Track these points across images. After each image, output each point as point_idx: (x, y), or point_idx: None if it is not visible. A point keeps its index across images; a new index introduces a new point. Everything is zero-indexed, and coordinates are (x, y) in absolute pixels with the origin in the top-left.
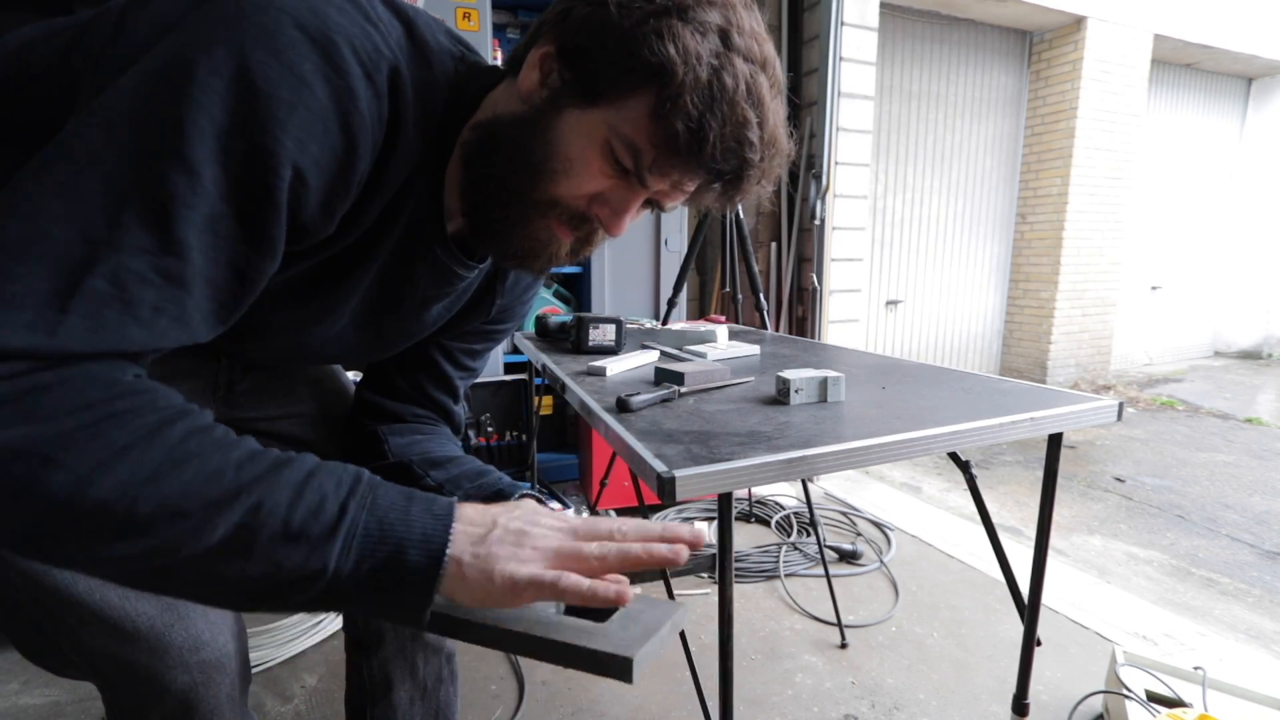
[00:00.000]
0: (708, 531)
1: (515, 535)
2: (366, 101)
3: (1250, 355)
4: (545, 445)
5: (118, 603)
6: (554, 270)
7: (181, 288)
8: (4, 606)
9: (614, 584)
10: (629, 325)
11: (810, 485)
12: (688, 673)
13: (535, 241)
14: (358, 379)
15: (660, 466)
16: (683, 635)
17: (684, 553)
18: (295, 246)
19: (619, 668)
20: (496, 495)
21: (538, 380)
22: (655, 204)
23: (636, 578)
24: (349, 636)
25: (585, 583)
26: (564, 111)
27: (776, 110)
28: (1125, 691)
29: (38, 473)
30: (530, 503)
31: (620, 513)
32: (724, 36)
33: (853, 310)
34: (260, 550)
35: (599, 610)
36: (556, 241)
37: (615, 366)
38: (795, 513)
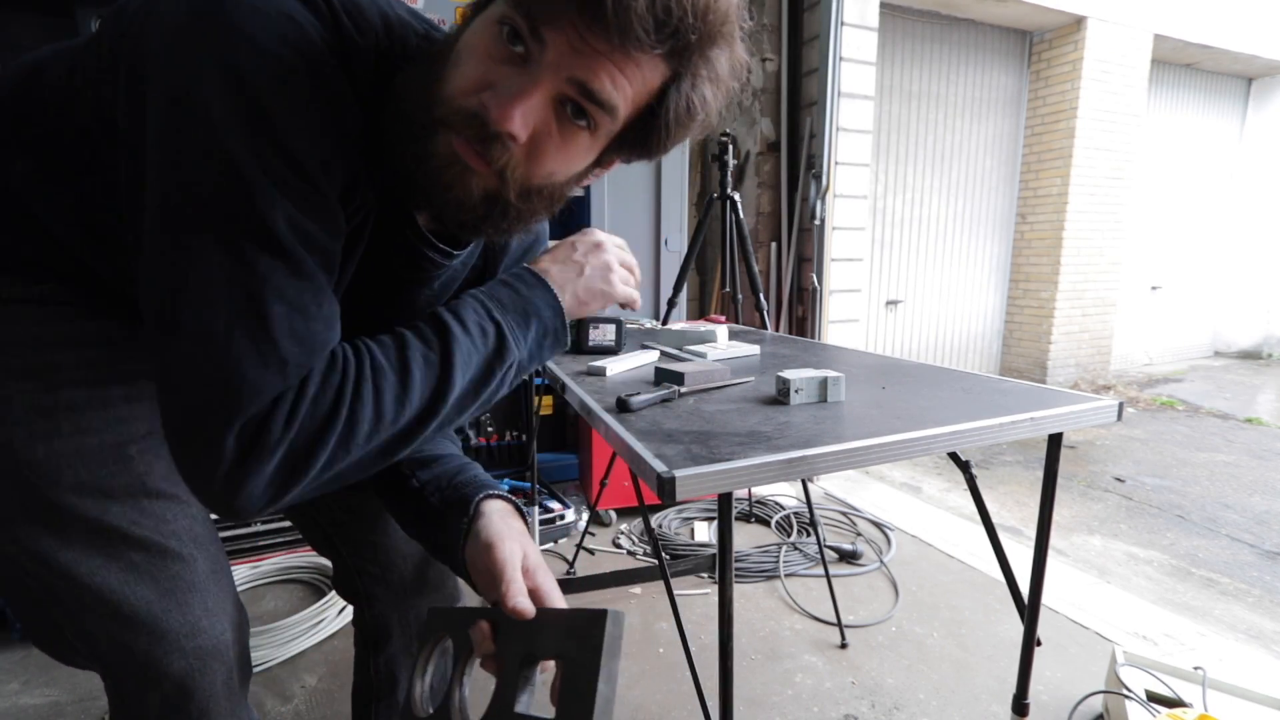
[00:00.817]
0: (709, 531)
1: (596, 271)
2: (330, 68)
3: (1250, 355)
4: (545, 445)
5: (118, 587)
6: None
7: (314, 277)
8: (13, 589)
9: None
10: (629, 325)
11: (810, 485)
12: (688, 672)
13: (437, 160)
14: None
15: (660, 466)
16: (683, 635)
17: None
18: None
19: None
20: (461, 500)
21: (538, 380)
22: (576, 99)
23: (637, 577)
24: (358, 633)
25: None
26: (470, 24)
27: None
28: (1125, 691)
29: (368, 438)
30: (585, 239)
31: (620, 514)
32: None
33: (853, 310)
34: (480, 377)
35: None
36: (459, 163)
37: (615, 366)
38: (795, 513)
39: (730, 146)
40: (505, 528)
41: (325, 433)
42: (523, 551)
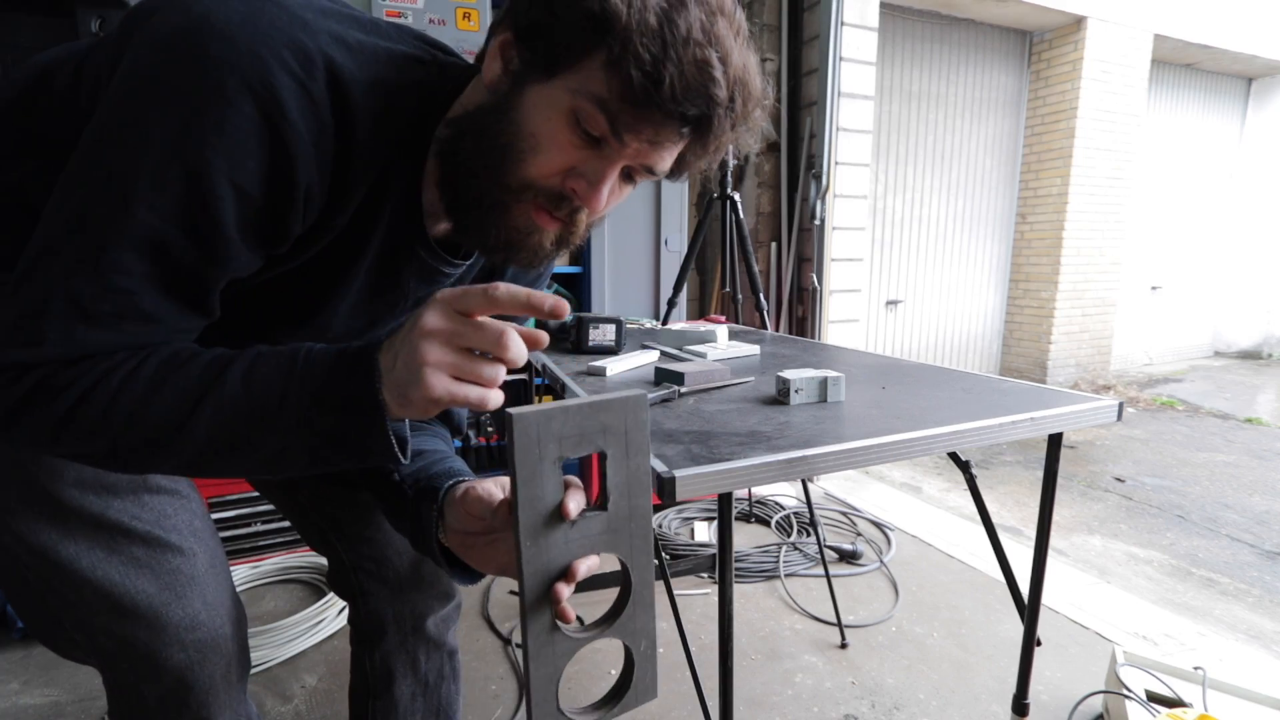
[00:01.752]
0: (709, 531)
1: (411, 364)
2: (299, 110)
3: (1250, 355)
4: None
5: (119, 580)
6: (555, 270)
7: (131, 295)
8: (13, 583)
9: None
10: (629, 325)
11: (810, 485)
12: (688, 672)
13: (515, 230)
14: None
15: (660, 466)
16: (683, 635)
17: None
18: (271, 250)
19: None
20: (432, 490)
21: (538, 380)
22: (636, 172)
23: None
24: (353, 630)
25: (474, 395)
26: (526, 90)
27: (741, 51)
28: (1125, 691)
29: (69, 436)
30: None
31: None
32: None
33: (853, 310)
34: (239, 440)
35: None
36: (538, 230)
37: (615, 366)
38: (795, 513)
39: (730, 147)
40: (481, 481)
41: (45, 405)
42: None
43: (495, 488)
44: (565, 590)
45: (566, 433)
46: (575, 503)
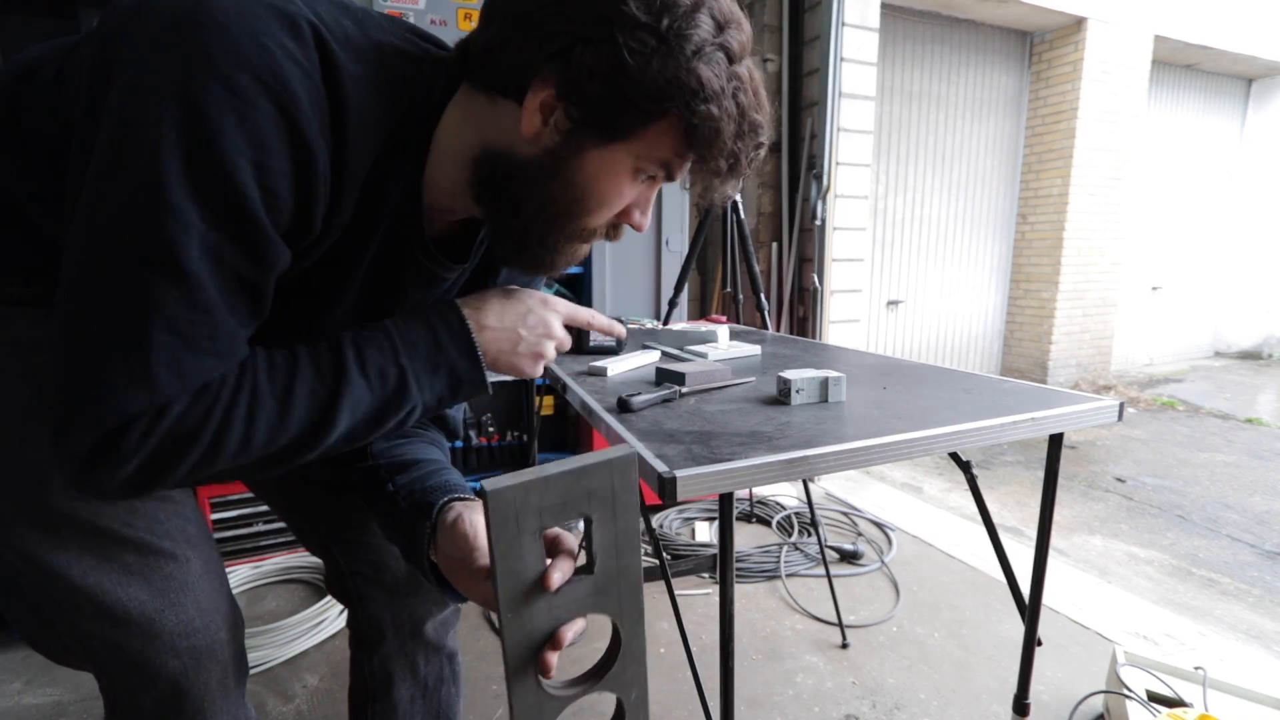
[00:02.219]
0: (709, 531)
1: (526, 353)
2: (309, 101)
3: (1251, 355)
4: (546, 445)
5: (111, 588)
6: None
7: (213, 311)
8: (6, 590)
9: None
10: (630, 325)
11: (811, 485)
12: (688, 672)
13: (570, 259)
14: None
15: (661, 466)
16: (684, 635)
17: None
18: (299, 243)
19: None
20: (426, 505)
21: (538, 380)
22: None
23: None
24: (352, 634)
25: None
26: (584, 153)
27: (763, 84)
28: (1126, 691)
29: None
30: (520, 294)
31: None
32: (725, 49)
33: (854, 310)
34: (373, 417)
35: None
36: (585, 251)
37: (616, 367)
38: (796, 513)
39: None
40: (472, 510)
41: (185, 450)
42: None
43: (482, 523)
44: (552, 658)
45: (547, 503)
46: (561, 573)
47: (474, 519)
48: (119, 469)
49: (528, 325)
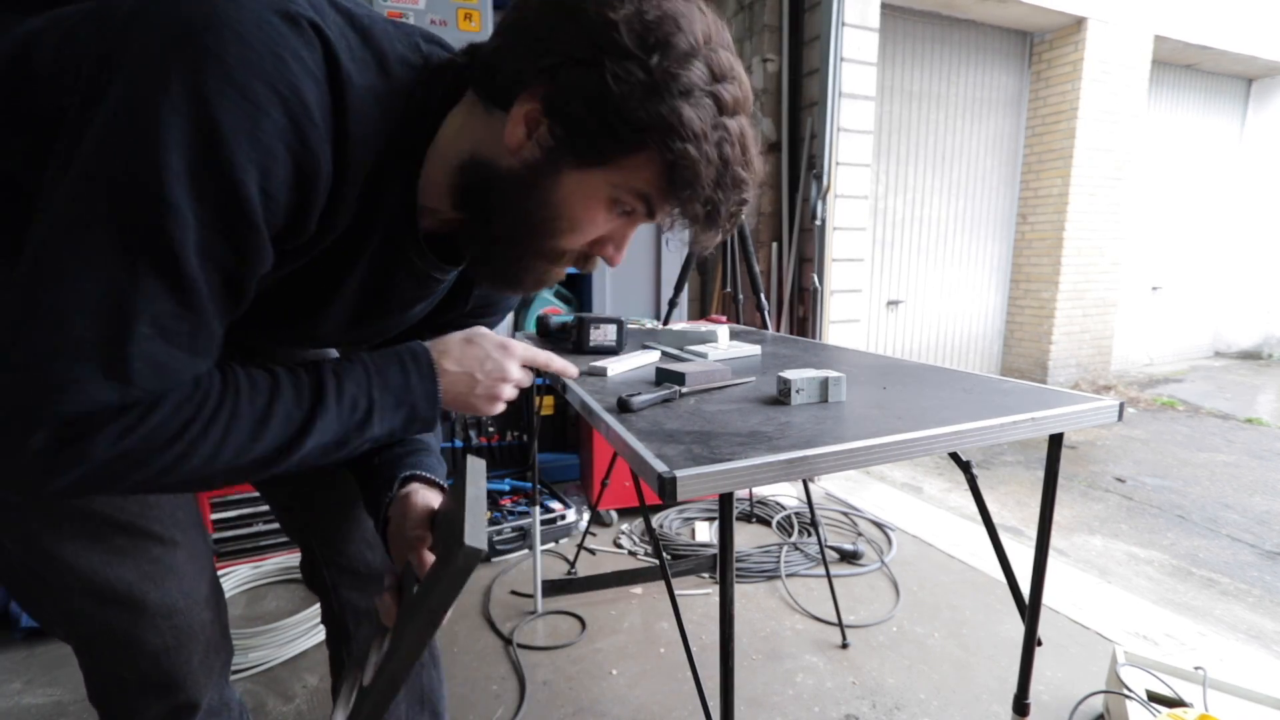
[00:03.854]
0: (709, 531)
1: (483, 394)
2: (319, 110)
3: (1251, 355)
4: (546, 445)
5: (100, 567)
6: None
7: (202, 312)
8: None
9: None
10: (630, 325)
11: (811, 485)
12: (688, 672)
13: (540, 280)
14: None
15: (661, 466)
16: (684, 635)
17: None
18: (287, 245)
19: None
20: (389, 478)
21: (539, 380)
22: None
23: (639, 577)
24: (327, 629)
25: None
26: (562, 173)
27: (756, 144)
28: (1126, 691)
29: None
30: (479, 339)
31: (621, 514)
32: (716, 98)
33: (854, 310)
34: (338, 443)
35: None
36: (555, 276)
37: (616, 367)
38: (796, 513)
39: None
40: (427, 489)
41: (155, 455)
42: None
43: (432, 499)
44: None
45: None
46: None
47: (423, 496)
48: (77, 469)
49: (484, 370)
